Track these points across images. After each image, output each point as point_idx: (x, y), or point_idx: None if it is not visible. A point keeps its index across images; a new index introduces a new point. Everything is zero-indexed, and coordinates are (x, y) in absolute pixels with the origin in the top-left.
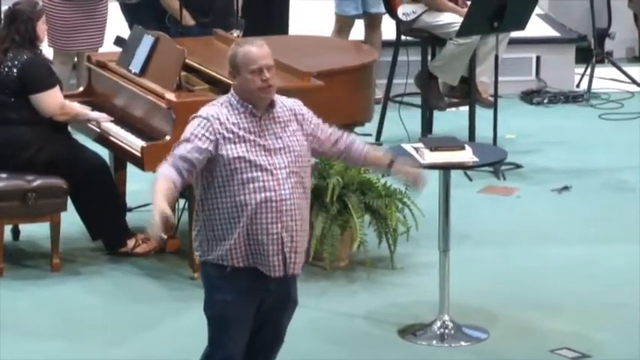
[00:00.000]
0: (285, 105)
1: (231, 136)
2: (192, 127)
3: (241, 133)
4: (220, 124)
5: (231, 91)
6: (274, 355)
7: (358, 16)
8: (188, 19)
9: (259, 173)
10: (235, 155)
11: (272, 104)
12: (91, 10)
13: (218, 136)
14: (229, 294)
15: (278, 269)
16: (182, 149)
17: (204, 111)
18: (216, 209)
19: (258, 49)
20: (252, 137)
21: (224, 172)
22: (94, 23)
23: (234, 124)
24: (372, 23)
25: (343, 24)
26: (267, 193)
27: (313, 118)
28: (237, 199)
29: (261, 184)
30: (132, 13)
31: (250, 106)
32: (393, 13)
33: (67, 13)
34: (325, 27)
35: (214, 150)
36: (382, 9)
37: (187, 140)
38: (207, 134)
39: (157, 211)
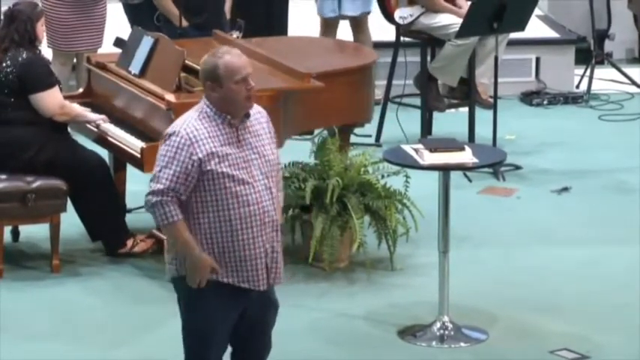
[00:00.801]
0: (255, 112)
1: (212, 152)
2: (172, 150)
3: (222, 147)
4: (200, 141)
5: (205, 102)
6: None
7: (336, 18)
8: (181, 20)
9: (241, 187)
10: (219, 171)
11: (247, 114)
12: (90, 10)
13: (201, 155)
14: (212, 308)
15: (262, 282)
16: (170, 179)
17: (181, 128)
18: (198, 225)
19: (239, 59)
20: (231, 150)
21: (207, 189)
22: (93, 24)
23: (213, 138)
24: (356, 25)
25: (325, 26)
26: (251, 207)
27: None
28: (221, 215)
29: (244, 198)
30: (134, 14)
31: (229, 117)
32: (389, 17)
33: (66, 14)
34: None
35: (198, 169)
36: (359, 11)
37: (170, 167)
38: (190, 155)
39: (205, 267)
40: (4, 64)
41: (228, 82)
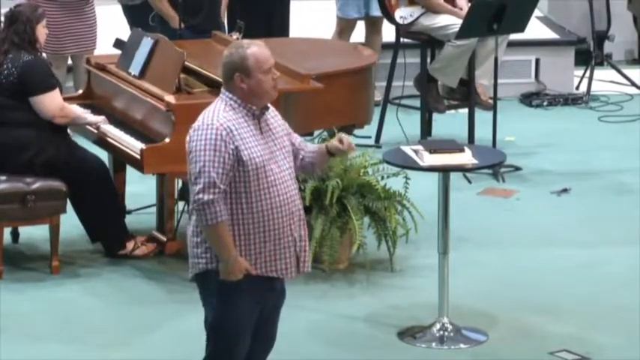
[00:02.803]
0: (270, 106)
1: (245, 141)
2: (212, 142)
3: (251, 137)
4: (235, 130)
5: (227, 95)
6: (267, 355)
7: (360, 19)
8: (177, 22)
9: (272, 177)
10: (252, 161)
11: (266, 105)
12: (78, 12)
13: (237, 143)
14: (245, 305)
15: (292, 271)
16: (217, 172)
17: (214, 120)
18: (233, 216)
19: (264, 49)
20: (260, 140)
21: (240, 180)
22: (83, 25)
23: (243, 129)
24: (373, 26)
25: (345, 27)
26: (281, 197)
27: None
28: (253, 206)
29: (274, 188)
30: (133, 15)
31: (253, 107)
32: (390, 17)
33: (54, 16)
34: (325, 29)
35: (235, 159)
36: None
37: (213, 159)
38: (226, 145)
39: (241, 270)
40: (4, 66)
41: (256, 72)
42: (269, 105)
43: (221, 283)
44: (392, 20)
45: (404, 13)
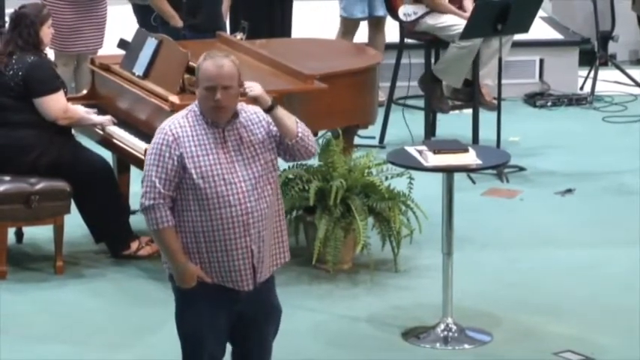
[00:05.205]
0: (250, 112)
1: (193, 149)
2: (157, 148)
3: (204, 146)
4: (182, 138)
5: (196, 101)
6: None
7: (364, 19)
8: (177, 20)
9: (222, 187)
10: (199, 170)
11: (235, 115)
12: (91, 11)
13: (182, 150)
14: (202, 310)
15: (248, 282)
16: (158, 177)
17: (167, 125)
18: (181, 222)
19: (216, 69)
20: (215, 149)
21: (188, 187)
22: (94, 24)
23: (197, 136)
24: (377, 25)
25: (349, 26)
26: (232, 208)
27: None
28: (202, 215)
29: (225, 198)
30: (143, 14)
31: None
32: (393, 13)
33: (67, 15)
34: (327, 29)
35: (179, 165)
36: (384, 10)
37: (156, 165)
38: (171, 151)
39: (192, 277)
40: (9, 67)
41: (199, 86)
42: (254, 113)
43: (177, 288)
44: (396, 17)
45: (408, 11)
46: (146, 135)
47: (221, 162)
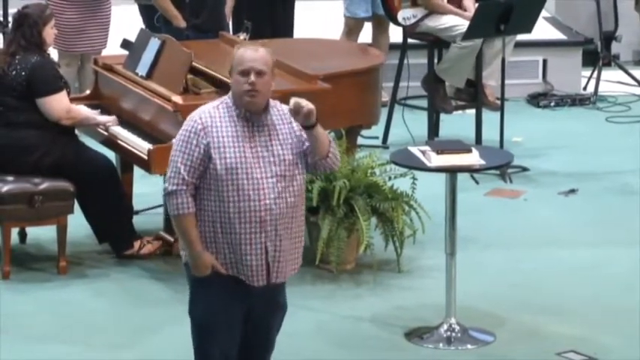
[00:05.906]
0: (282, 110)
1: (221, 140)
2: (185, 135)
3: (232, 138)
4: (211, 127)
5: (229, 93)
6: None
7: (367, 19)
8: (180, 21)
9: (244, 181)
10: (223, 162)
11: (265, 110)
12: (95, 11)
13: (209, 139)
14: (215, 299)
15: (260, 279)
16: (183, 163)
17: (197, 113)
18: (202, 213)
19: (251, 52)
20: (242, 143)
21: (211, 177)
22: (98, 24)
23: (225, 127)
24: (381, 25)
25: (353, 26)
26: (251, 202)
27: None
28: (220, 206)
29: (245, 192)
30: (149, 14)
31: (243, 110)
32: (392, 18)
33: (71, 14)
34: (330, 30)
35: (205, 155)
36: None
37: (183, 151)
38: (198, 139)
39: (206, 266)
40: (12, 67)
41: (234, 71)
42: (284, 113)
43: (192, 276)
44: (395, 21)
45: (407, 14)
46: (149, 135)
47: (246, 156)
